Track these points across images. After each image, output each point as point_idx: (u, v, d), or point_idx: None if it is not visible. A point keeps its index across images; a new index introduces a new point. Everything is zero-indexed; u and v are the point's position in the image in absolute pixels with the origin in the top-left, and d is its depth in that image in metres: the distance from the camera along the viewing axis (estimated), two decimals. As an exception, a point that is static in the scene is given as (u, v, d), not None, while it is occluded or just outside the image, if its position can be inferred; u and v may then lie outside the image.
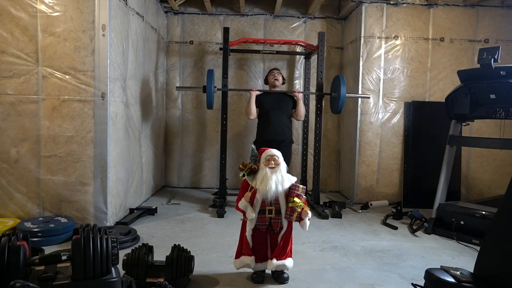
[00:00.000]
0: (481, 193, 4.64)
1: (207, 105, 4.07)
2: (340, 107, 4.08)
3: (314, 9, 4.92)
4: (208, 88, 3.98)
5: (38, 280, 1.65)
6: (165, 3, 4.88)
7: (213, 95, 4.03)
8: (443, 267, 2.06)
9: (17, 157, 3.17)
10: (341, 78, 4.04)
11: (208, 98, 4.01)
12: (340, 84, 3.99)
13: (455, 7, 4.59)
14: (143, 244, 2.30)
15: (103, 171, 3.19)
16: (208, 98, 4.02)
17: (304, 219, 2.28)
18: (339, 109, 4.12)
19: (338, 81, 4.06)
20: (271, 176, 2.29)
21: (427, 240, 3.35)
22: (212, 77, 3.99)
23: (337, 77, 4.15)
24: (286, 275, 2.38)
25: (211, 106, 4.08)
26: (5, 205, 3.19)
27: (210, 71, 4.04)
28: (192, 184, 5.32)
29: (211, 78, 3.97)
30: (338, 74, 4.26)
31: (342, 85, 3.98)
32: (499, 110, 3.33)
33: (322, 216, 3.91)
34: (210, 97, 4.00)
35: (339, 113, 4.24)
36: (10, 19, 3.08)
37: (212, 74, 4.02)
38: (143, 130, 4.24)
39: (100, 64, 3.12)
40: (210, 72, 4.03)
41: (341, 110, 4.16)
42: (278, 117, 4.01)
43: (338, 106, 4.08)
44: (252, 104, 4.01)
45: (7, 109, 3.15)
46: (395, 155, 4.64)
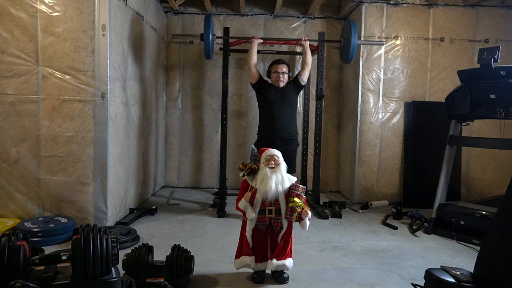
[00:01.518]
0: (481, 193, 4.64)
1: (205, 54, 3.96)
2: (351, 56, 3.95)
3: (314, 9, 4.92)
4: (205, 36, 3.82)
5: (38, 280, 1.65)
6: (165, 3, 4.88)
7: (212, 43, 3.90)
8: (443, 267, 2.06)
9: (17, 157, 3.17)
10: (353, 24, 3.90)
11: (206, 45, 3.87)
12: (351, 31, 3.84)
13: (455, 7, 4.59)
14: (143, 244, 2.30)
15: (103, 171, 3.19)
16: (206, 47, 3.87)
17: (304, 219, 2.28)
18: (349, 58, 3.98)
19: (349, 27, 3.90)
20: (271, 176, 2.29)
21: (427, 240, 3.35)
22: (209, 24, 3.84)
23: (348, 23, 4.02)
24: (286, 275, 2.38)
25: (209, 55, 3.95)
26: (5, 205, 3.19)
27: (207, 17, 3.90)
28: (192, 184, 5.32)
29: (208, 24, 3.83)
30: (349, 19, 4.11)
31: (354, 32, 3.83)
32: (499, 110, 3.33)
33: (322, 216, 3.90)
34: (208, 45, 3.85)
35: (349, 62, 4.12)
36: (10, 19, 3.08)
37: (210, 20, 3.88)
38: (143, 130, 4.24)
39: (100, 64, 3.12)
40: (208, 18, 3.88)
41: (351, 59, 4.03)
42: (283, 110, 3.77)
43: (349, 55, 3.93)
44: (253, 53, 3.84)
45: (7, 109, 3.15)
46: (395, 155, 4.64)
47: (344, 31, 4.18)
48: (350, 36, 3.88)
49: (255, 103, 4.83)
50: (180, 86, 5.24)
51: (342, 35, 4.22)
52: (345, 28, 4.13)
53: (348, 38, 3.93)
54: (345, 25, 4.15)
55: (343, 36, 4.18)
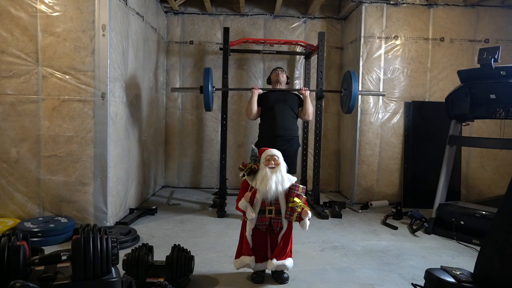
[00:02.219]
0: (481, 193, 4.64)
1: (204, 107, 3.82)
2: (352, 106, 3.83)
3: (314, 9, 4.92)
4: (205, 88, 3.68)
5: (38, 280, 1.65)
6: (165, 3, 4.88)
7: (212, 96, 3.76)
8: (443, 267, 2.06)
9: (17, 157, 3.17)
10: (353, 74, 3.78)
11: (206, 99, 3.72)
12: (351, 81, 3.74)
13: (455, 7, 4.59)
14: (143, 244, 2.30)
15: (103, 171, 3.19)
16: (206, 99, 3.72)
17: (304, 219, 2.28)
18: (350, 108, 3.86)
19: (350, 77, 3.80)
20: (271, 176, 2.29)
21: (427, 240, 3.35)
22: (209, 76, 3.72)
23: (348, 73, 3.90)
24: (286, 275, 2.38)
25: (209, 107, 3.81)
26: (5, 205, 3.19)
27: (207, 70, 3.76)
28: (192, 184, 5.32)
29: (208, 77, 3.71)
30: (349, 70, 3.98)
31: (354, 82, 3.73)
32: (499, 110, 3.33)
33: (322, 216, 3.90)
34: (208, 98, 3.70)
35: (350, 112, 3.97)
36: (10, 19, 3.08)
37: (210, 73, 3.74)
38: (143, 130, 4.24)
39: (100, 64, 3.12)
40: (207, 71, 3.74)
41: (352, 109, 3.90)
42: (283, 111, 3.73)
43: (349, 105, 3.81)
44: (253, 104, 3.75)
45: (7, 109, 3.15)
46: (395, 155, 4.64)
47: (344, 81, 4.06)
48: (350, 86, 3.77)
49: (255, 103, 4.84)
50: (180, 86, 5.23)
51: (343, 85, 4.08)
52: (346, 78, 4.00)
53: (349, 88, 3.82)
54: (346, 75, 4.02)
55: (343, 87, 4.05)
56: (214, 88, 3.87)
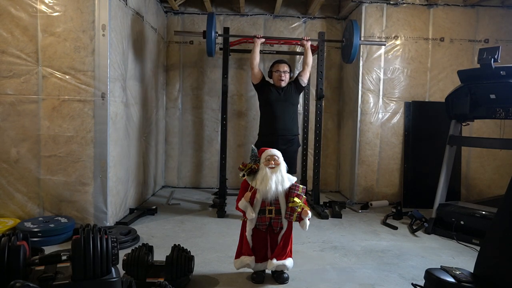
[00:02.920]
0: (481, 193, 4.64)
1: (207, 51, 3.96)
2: (353, 55, 3.94)
3: (314, 9, 4.92)
4: (208, 33, 3.81)
5: (38, 280, 1.65)
6: (165, 3, 4.88)
7: (214, 41, 3.88)
8: (443, 267, 2.06)
9: (17, 157, 3.17)
10: (355, 24, 3.87)
11: (208, 44, 3.85)
12: (353, 30, 3.81)
13: (455, 7, 4.59)
14: (143, 244, 2.30)
15: (103, 171, 3.19)
16: (208, 44, 3.85)
17: (304, 219, 2.28)
18: (351, 58, 3.97)
19: (352, 27, 3.88)
20: (271, 176, 2.29)
21: (427, 240, 3.35)
22: (212, 22, 3.83)
23: (350, 22, 4.00)
24: (286, 275, 2.38)
25: (211, 53, 3.94)
26: (5, 205, 3.19)
27: (210, 15, 3.89)
28: (192, 184, 5.32)
29: (211, 22, 3.82)
30: (351, 19, 4.08)
31: (356, 32, 3.81)
32: (499, 110, 3.33)
33: (322, 216, 3.90)
34: (210, 43, 3.83)
35: (351, 62, 4.11)
36: (10, 19, 3.08)
37: (213, 17, 3.86)
38: (143, 130, 4.24)
39: (100, 64, 3.12)
40: (210, 17, 3.87)
41: (353, 59, 4.03)
42: (285, 109, 3.74)
43: (351, 55, 3.90)
44: (256, 53, 3.81)
45: (7, 109, 3.15)
46: (395, 155, 4.64)
47: (346, 30, 4.16)
48: (352, 36, 3.86)
49: (255, 103, 4.84)
50: (180, 86, 5.24)
51: (344, 35, 4.20)
52: (347, 28, 4.11)
53: (350, 38, 3.90)
54: (347, 25, 4.13)
55: (345, 36, 4.16)
56: (217, 33, 3.97)
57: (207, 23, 3.85)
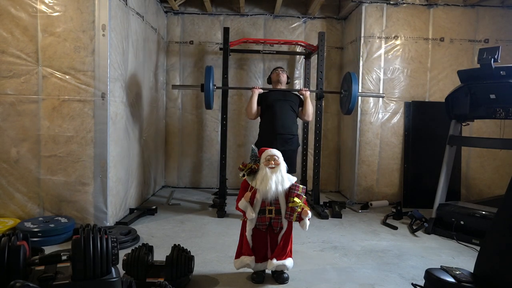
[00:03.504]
0: (481, 193, 4.64)
1: (205, 105, 3.85)
2: (351, 107, 3.84)
3: (314, 9, 4.92)
4: (206, 86, 3.71)
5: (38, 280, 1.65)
6: (165, 3, 4.88)
7: (212, 94, 3.79)
8: (443, 267, 2.06)
9: (17, 157, 3.17)
10: (353, 76, 3.80)
11: (206, 97, 3.75)
12: (351, 82, 3.76)
13: (455, 7, 4.59)
14: (143, 244, 2.30)
15: (103, 171, 3.19)
16: (206, 97, 3.75)
17: (304, 219, 2.28)
18: (350, 110, 3.88)
19: (350, 79, 3.82)
20: (271, 176, 2.29)
21: (427, 240, 3.35)
22: (210, 75, 3.74)
23: (348, 74, 3.92)
24: (286, 275, 2.38)
25: (209, 106, 3.84)
26: (5, 205, 3.19)
27: (208, 68, 3.79)
28: (192, 184, 5.32)
29: (209, 75, 3.73)
30: (349, 71, 4.01)
31: (354, 83, 3.75)
32: (499, 110, 3.33)
33: (322, 216, 3.90)
34: (208, 96, 3.73)
35: (349, 113, 4.00)
36: (10, 19, 3.08)
37: (211, 71, 3.76)
38: (143, 130, 4.24)
39: (100, 64, 3.12)
40: (209, 70, 3.76)
41: (352, 111, 3.92)
42: (284, 109, 3.73)
43: (349, 106, 3.83)
44: (253, 103, 3.76)
45: (7, 109, 3.15)
46: (395, 155, 4.64)
47: (344, 82, 4.07)
48: (350, 88, 3.78)
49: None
50: (180, 85, 5.23)
51: (342, 87, 4.10)
52: (346, 80, 4.01)
53: (349, 90, 3.83)
54: (345, 76, 4.04)
55: (343, 88, 4.07)
56: (215, 86, 3.90)
57: (205, 76, 3.75)
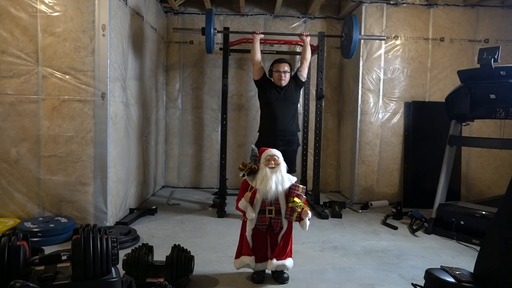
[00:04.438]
0: (481, 193, 4.64)
1: (206, 48, 3.96)
2: (353, 51, 3.94)
3: (314, 9, 4.92)
4: (207, 29, 3.82)
5: (38, 280, 1.65)
6: (165, 3, 4.88)
7: (213, 38, 3.91)
8: (443, 267, 2.06)
9: (17, 157, 3.17)
10: (354, 19, 3.87)
11: (207, 40, 3.85)
12: (353, 26, 3.82)
13: (455, 7, 4.59)
14: (143, 244, 2.30)
15: (103, 171, 3.19)
16: (207, 41, 3.86)
17: (304, 219, 2.28)
18: (351, 53, 3.97)
19: (351, 22, 3.88)
20: (271, 176, 2.29)
21: (427, 240, 3.35)
22: (211, 18, 3.84)
23: (349, 17, 3.99)
24: (286, 275, 2.38)
25: (210, 49, 3.95)
26: (5, 205, 3.19)
27: (209, 11, 3.90)
28: (192, 184, 5.32)
29: (210, 19, 3.83)
30: (350, 14, 4.08)
31: (355, 27, 3.81)
32: (499, 110, 3.33)
33: (322, 216, 3.90)
34: (209, 39, 3.84)
35: (351, 57, 4.09)
36: (10, 19, 3.08)
37: (211, 14, 3.86)
38: (143, 130, 4.24)
39: (100, 64, 3.12)
40: (209, 13, 3.88)
41: (353, 54, 4.01)
42: (284, 109, 3.73)
43: (350, 50, 3.92)
44: (256, 48, 3.81)
45: (7, 109, 3.14)
46: (395, 155, 4.64)
47: (345, 26, 4.16)
48: (351, 31, 3.86)
49: (255, 102, 4.85)
50: (180, 86, 5.24)
51: (343, 30, 4.20)
52: (346, 23, 4.11)
53: (350, 33, 3.91)
54: (346, 20, 4.13)
55: (344, 31, 4.17)
56: (215, 30, 3.98)
57: (206, 20, 3.85)
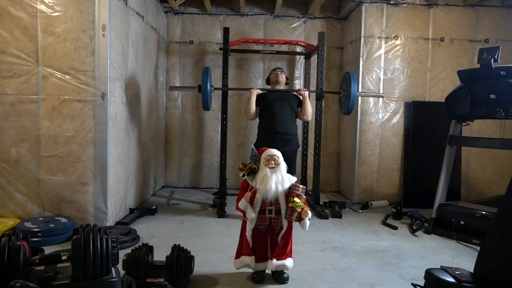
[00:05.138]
0: (481, 193, 4.64)
1: (202, 106, 3.85)
2: (351, 107, 3.87)
3: (314, 9, 4.92)
4: (203, 87, 3.71)
5: (38, 280, 1.65)
6: (165, 3, 4.88)
7: (210, 95, 3.80)
8: (443, 267, 2.06)
9: (17, 157, 3.17)
10: (352, 76, 3.82)
11: (204, 98, 3.75)
12: (350, 82, 3.78)
13: (455, 7, 4.59)
14: (143, 244, 2.30)
15: (103, 171, 3.19)
16: (204, 99, 3.76)
17: (304, 219, 2.28)
18: (349, 110, 3.90)
19: (349, 79, 3.84)
20: (271, 176, 2.29)
21: (427, 240, 3.35)
22: (208, 75, 3.75)
23: (347, 74, 3.95)
24: (286, 275, 2.38)
25: (207, 107, 3.84)
26: (5, 205, 3.19)
27: (206, 69, 3.80)
28: (192, 184, 5.32)
29: (206, 76, 3.74)
30: (348, 71, 4.04)
31: (353, 83, 3.77)
32: (499, 110, 3.33)
33: (322, 216, 3.90)
34: (206, 97, 3.74)
35: (349, 113, 4.02)
36: (10, 19, 3.08)
37: (208, 72, 3.78)
38: (143, 130, 4.24)
39: (100, 64, 3.12)
40: (206, 70, 3.77)
41: (351, 111, 3.94)
42: (283, 109, 3.73)
43: (348, 106, 3.86)
44: (252, 104, 3.78)
45: (7, 109, 3.15)
46: (395, 155, 4.64)
47: (343, 82, 4.10)
48: (349, 88, 3.81)
49: (255, 103, 4.84)
50: (180, 85, 5.23)
51: (341, 86, 4.13)
52: (345, 80, 4.04)
53: (348, 90, 3.85)
54: (344, 76, 4.07)
55: (342, 88, 4.10)
56: (212, 87, 3.89)
57: (202, 77, 3.75)
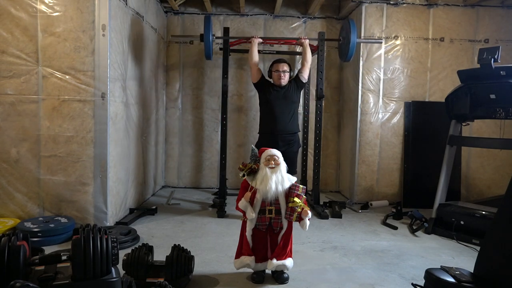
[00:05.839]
0: (481, 193, 4.64)
1: (205, 55, 4.02)
2: (350, 54, 4.01)
3: (314, 9, 4.92)
4: (206, 36, 3.88)
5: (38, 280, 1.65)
6: (165, 3, 4.88)
7: (211, 44, 3.98)
8: (443, 267, 2.06)
9: (17, 157, 3.17)
10: (352, 23, 3.95)
11: (206, 47, 3.93)
12: (350, 29, 3.88)
13: (455, 7, 4.59)
14: (143, 244, 2.30)
15: (103, 171, 3.19)
16: (206, 47, 3.93)
17: (304, 219, 2.28)
18: (349, 57, 4.03)
19: (348, 26, 3.96)
20: (271, 176, 2.29)
21: (427, 240, 3.35)
22: (209, 25, 3.89)
23: (347, 22, 4.08)
24: (286, 275, 2.38)
25: (209, 55, 4.01)
26: (5, 205, 3.19)
27: (207, 17, 3.96)
28: (192, 184, 5.32)
29: (209, 25, 3.87)
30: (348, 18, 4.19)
31: (353, 31, 3.87)
32: (499, 110, 3.33)
33: (322, 216, 3.90)
34: (208, 46, 3.91)
35: (348, 60, 4.18)
36: (10, 19, 3.08)
37: (210, 21, 3.92)
38: (143, 130, 4.24)
39: (100, 64, 3.12)
40: (207, 19, 3.93)
41: (350, 57, 4.09)
42: (284, 110, 3.73)
43: (348, 53, 3.97)
44: (254, 52, 3.88)
45: (7, 109, 3.15)
46: (395, 155, 4.64)
47: (343, 29, 4.21)
48: (349, 35, 3.91)
49: (255, 102, 4.84)
50: (180, 86, 5.24)
51: (341, 34, 4.24)
52: (344, 27, 4.16)
53: (347, 37, 3.95)
54: (344, 24, 4.19)
55: (342, 35, 4.21)
56: (214, 36, 4.03)
57: (204, 26, 3.90)
